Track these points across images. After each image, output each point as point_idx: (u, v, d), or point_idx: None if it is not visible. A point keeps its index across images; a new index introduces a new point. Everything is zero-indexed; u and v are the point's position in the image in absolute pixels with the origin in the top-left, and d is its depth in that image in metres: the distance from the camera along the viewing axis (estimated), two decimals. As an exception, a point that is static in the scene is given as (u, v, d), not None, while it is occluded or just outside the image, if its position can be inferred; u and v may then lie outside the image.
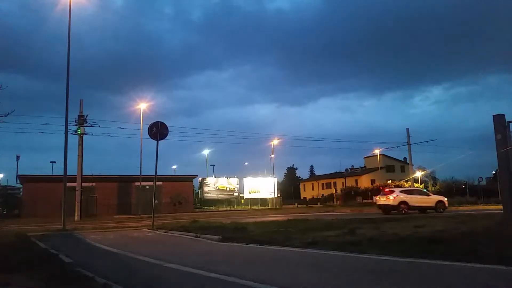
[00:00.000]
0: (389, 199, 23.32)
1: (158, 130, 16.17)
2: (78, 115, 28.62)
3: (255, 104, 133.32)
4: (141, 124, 34.57)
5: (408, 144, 41.48)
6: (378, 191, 51.85)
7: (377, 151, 56.96)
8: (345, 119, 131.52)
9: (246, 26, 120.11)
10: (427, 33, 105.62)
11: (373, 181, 59.66)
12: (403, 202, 22.95)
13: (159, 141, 16.31)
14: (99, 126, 29.87)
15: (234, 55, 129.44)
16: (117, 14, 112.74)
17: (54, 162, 46.36)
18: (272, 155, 52.52)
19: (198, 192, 52.80)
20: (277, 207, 48.07)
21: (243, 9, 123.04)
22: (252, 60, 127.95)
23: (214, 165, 64.12)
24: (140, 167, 36.09)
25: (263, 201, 51.37)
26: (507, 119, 11.44)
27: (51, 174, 41.56)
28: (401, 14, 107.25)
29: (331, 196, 61.64)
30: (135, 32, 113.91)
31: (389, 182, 54.03)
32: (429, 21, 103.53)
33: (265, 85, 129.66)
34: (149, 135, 16.46)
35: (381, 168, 62.44)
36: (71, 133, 25.89)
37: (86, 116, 29.02)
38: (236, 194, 51.24)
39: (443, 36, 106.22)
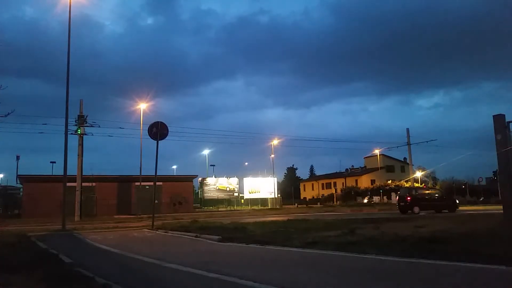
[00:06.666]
0: None
1: (158, 130, 16.17)
2: (78, 115, 28.58)
3: (263, 108, 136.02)
4: (141, 124, 34.58)
5: (408, 144, 41.39)
6: (378, 191, 52.03)
7: (377, 151, 56.86)
8: (348, 120, 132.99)
9: (260, 40, 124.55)
10: (429, 40, 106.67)
11: (373, 181, 59.64)
12: None
13: (159, 141, 16.32)
14: (99, 126, 29.82)
15: (247, 66, 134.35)
16: (142, 31, 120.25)
17: (54, 162, 46.20)
18: (272, 155, 52.50)
19: (198, 192, 52.78)
20: (277, 207, 48.02)
21: (258, 24, 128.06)
22: (263, 69, 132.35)
23: (214, 165, 63.87)
24: (140, 167, 36.03)
25: (263, 201, 51.35)
26: (507, 119, 11.41)
27: (51, 174, 41.45)
28: (404, 23, 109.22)
29: (331, 196, 61.57)
30: (158, 46, 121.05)
31: (389, 182, 54.03)
32: (431, 28, 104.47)
33: (274, 90, 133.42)
34: (149, 135, 16.45)
35: (381, 168, 62.39)
36: (71, 133, 25.87)
37: (86, 116, 28.97)
38: (236, 194, 51.18)
39: (444, 43, 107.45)
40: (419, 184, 48.43)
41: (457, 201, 26.75)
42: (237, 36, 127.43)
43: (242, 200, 51.18)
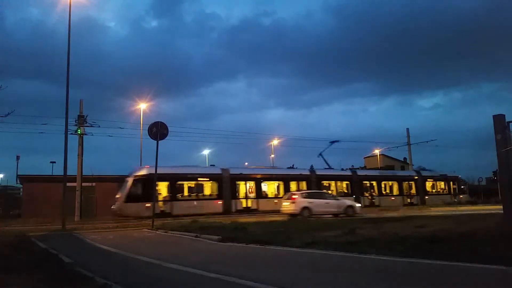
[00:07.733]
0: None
1: (158, 130, 16.17)
2: (78, 115, 28.56)
3: (264, 109, 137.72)
4: (141, 124, 34.58)
5: (408, 144, 41.49)
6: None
7: (377, 151, 56.78)
8: (348, 121, 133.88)
9: (262, 42, 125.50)
10: (429, 41, 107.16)
11: (373, 181, 59.49)
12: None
13: (159, 141, 16.31)
14: (99, 126, 29.83)
15: (249, 67, 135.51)
16: (146, 34, 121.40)
17: (54, 162, 46.02)
18: (272, 155, 52.50)
19: (198, 192, 52.60)
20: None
21: (261, 26, 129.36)
22: (265, 70, 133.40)
23: (214, 165, 63.77)
24: (140, 168, 36.04)
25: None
26: (507, 119, 11.40)
27: (51, 174, 41.39)
28: (404, 24, 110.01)
29: (331, 196, 61.46)
30: (161, 48, 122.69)
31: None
32: (431, 30, 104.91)
33: (275, 91, 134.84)
34: (149, 135, 16.44)
35: (381, 168, 62.34)
36: (71, 133, 25.86)
37: (86, 116, 28.97)
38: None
39: (444, 44, 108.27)
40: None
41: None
42: (239, 38, 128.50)
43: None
